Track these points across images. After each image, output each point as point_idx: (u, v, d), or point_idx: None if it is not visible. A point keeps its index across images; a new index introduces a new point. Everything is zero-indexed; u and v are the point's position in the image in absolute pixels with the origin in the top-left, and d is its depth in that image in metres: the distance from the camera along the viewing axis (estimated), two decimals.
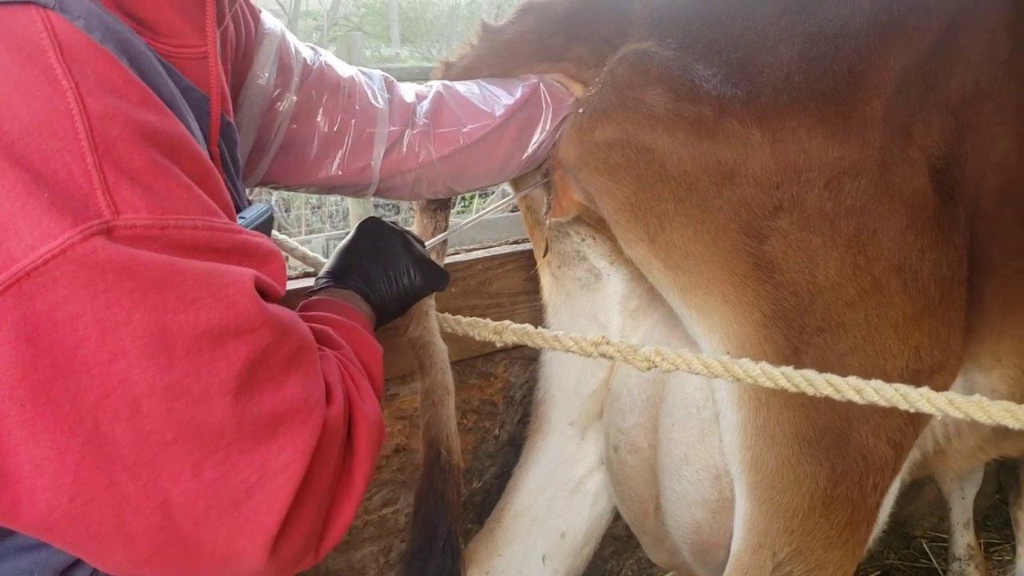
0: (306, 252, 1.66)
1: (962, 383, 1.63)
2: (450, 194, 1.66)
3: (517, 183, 1.78)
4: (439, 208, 1.73)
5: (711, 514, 1.61)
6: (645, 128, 1.49)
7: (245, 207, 1.18)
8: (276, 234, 1.47)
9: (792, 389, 1.23)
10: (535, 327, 1.47)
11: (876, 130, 1.47)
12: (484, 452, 2.12)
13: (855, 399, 1.19)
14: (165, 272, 0.79)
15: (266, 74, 1.39)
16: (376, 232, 1.45)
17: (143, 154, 0.81)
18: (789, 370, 1.24)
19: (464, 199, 6.43)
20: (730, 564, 1.51)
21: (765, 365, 1.25)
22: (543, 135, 1.59)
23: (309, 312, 1.20)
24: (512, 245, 2.08)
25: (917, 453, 1.65)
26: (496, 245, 2.10)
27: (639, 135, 1.49)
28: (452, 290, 1.84)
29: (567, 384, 1.87)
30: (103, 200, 0.77)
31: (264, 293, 0.90)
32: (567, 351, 1.42)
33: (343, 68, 1.52)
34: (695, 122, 1.47)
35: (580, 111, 1.57)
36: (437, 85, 1.60)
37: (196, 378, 0.80)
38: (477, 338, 1.54)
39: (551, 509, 1.88)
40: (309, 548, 0.94)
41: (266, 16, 1.43)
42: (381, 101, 1.50)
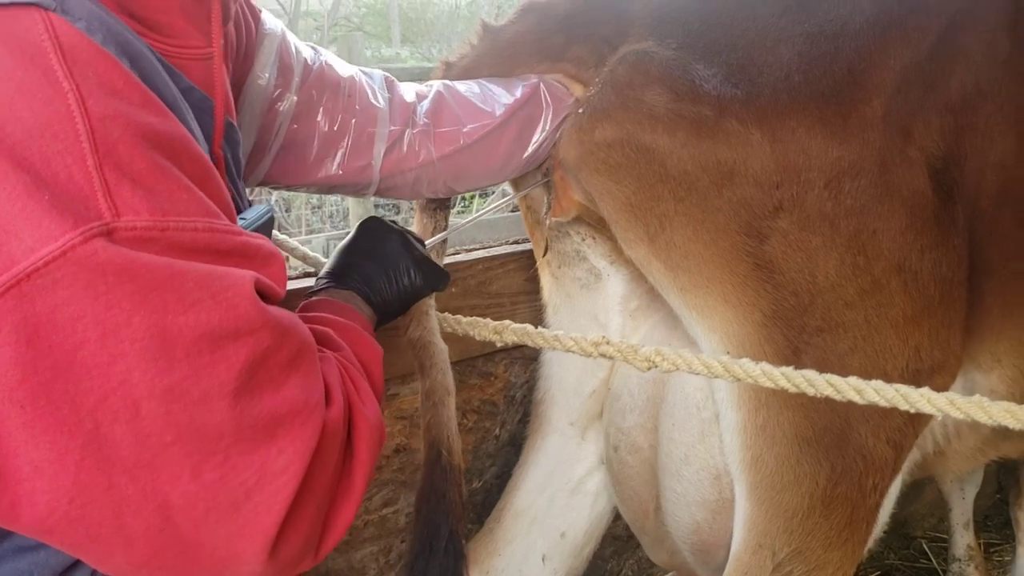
0: (306, 252, 1.66)
1: (961, 384, 1.63)
2: (450, 193, 1.66)
3: (517, 183, 1.78)
4: (439, 208, 1.73)
5: (711, 514, 1.61)
6: (645, 128, 1.49)
7: (245, 208, 1.18)
8: (276, 234, 1.47)
9: (792, 389, 1.23)
10: (535, 327, 1.47)
11: (876, 130, 1.47)
12: (484, 452, 2.12)
13: (855, 399, 1.19)
14: (165, 274, 0.79)
15: (267, 74, 1.39)
16: (376, 232, 1.45)
17: (144, 156, 0.81)
18: (789, 370, 1.24)
19: (464, 199, 6.43)
20: (730, 564, 1.51)
21: (765, 365, 1.25)
22: (543, 135, 1.59)
23: (309, 313, 1.20)
24: (512, 245, 2.08)
25: (917, 454, 1.65)
26: (496, 245, 2.10)
27: (639, 135, 1.49)
28: (452, 290, 1.84)
29: (567, 384, 1.87)
30: (104, 202, 0.77)
31: (264, 295, 0.90)
32: (567, 351, 1.42)
33: (343, 68, 1.52)
34: (695, 122, 1.47)
35: (580, 111, 1.57)
36: (437, 85, 1.60)
37: (196, 380, 0.80)
38: (477, 338, 1.54)
39: (551, 509, 1.88)
40: (308, 550, 0.95)
41: (267, 16, 1.43)
42: (381, 100, 1.50)
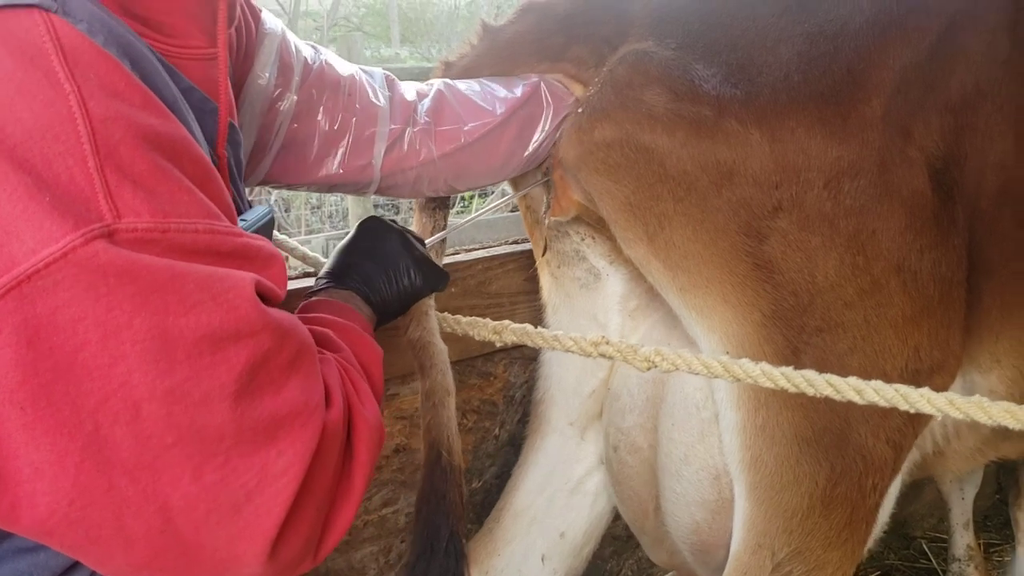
0: (306, 252, 1.66)
1: (961, 384, 1.63)
2: (451, 192, 1.66)
3: (517, 182, 1.78)
4: (438, 207, 1.73)
5: (711, 514, 1.61)
6: (644, 128, 1.49)
7: (246, 209, 1.18)
8: (276, 234, 1.47)
9: (792, 389, 1.23)
10: (535, 327, 1.47)
11: (875, 130, 1.47)
12: (484, 452, 2.12)
13: (855, 399, 1.19)
14: (166, 276, 0.79)
15: (267, 74, 1.39)
16: (376, 232, 1.44)
17: (145, 157, 0.81)
18: (789, 370, 1.24)
19: (463, 199, 6.43)
20: (729, 564, 1.51)
21: (765, 365, 1.25)
22: (544, 134, 1.59)
23: (309, 314, 1.20)
24: (512, 245, 2.08)
25: (916, 454, 1.65)
26: (496, 245, 2.10)
27: (638, 135, 1.49)
28: (452, 290, 1.84)
29: (567, 384, 1.87)
30: (105, 204, 0.77)
31: (265, 297, 0.90)
32: (567, 351, 1.42)
33: (344, 66, 1.51)
34: (694, 122, 1.47)
35: (580, 111, 1.57)
36: (438, 83, 1.60)
37: (196, 382, 0.80)
38: (477, 338, 1.54)
39: (550, 509, 1.88)
40: (308, 551, 0.95)
41: (267, 16, 1.43)
42: (382, 99, 1.50)
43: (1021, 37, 1.56)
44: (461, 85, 1.59)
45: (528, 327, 1.47)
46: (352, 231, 1.47)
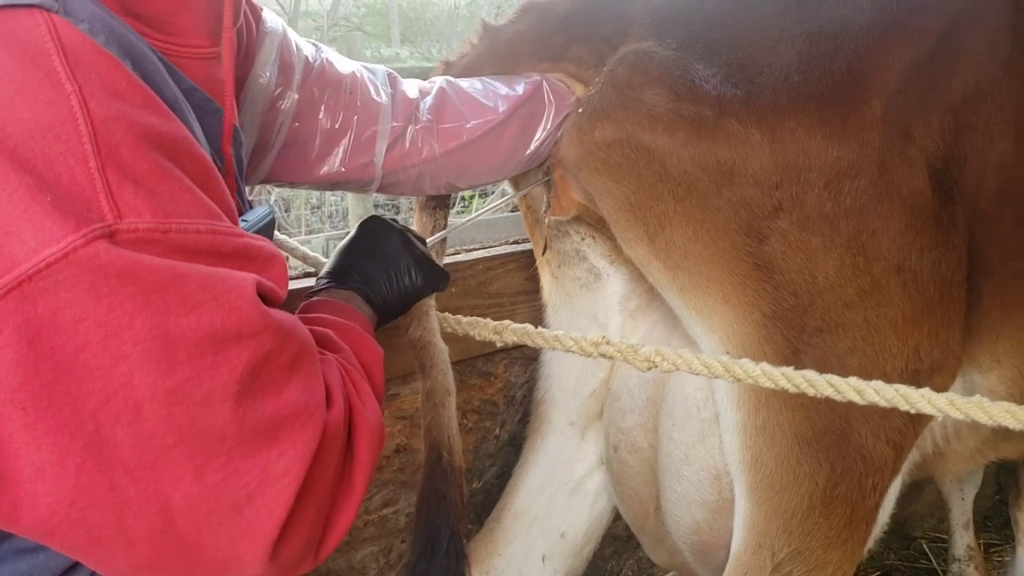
0: (306, 252, 1.66)
1: (960, 384, 1.63)
2: (453, 190, 1.65)
3: (517, 182, 1.78)
4: (438, 206, 1.73)
5: (711, 514, 1.61)
6: (645, 128, 1.49)
7: (247, 209, 1.18)
8: (276, 234, 1.47)
9: (792, 390, 1.23)
10: (535, 327, 1.47)
11: (875, 130, 1.47)
12: (484, 452, 2.12)
13: (856, 400, 1.19)
14: (167, 276, 0.79)
15: (268, 73, 1.38)
16: (377, 231, 1.44)
17: (146, 157, 0.81)
18: (789, 371, 1.24)
19: (464, 198, 6.43)
20: (730, 564, 1.51)
21: (765, 365, 1.25)
22: (546, 132, 1.59)
23: (310, 314, 1.20)
24: (512, 245, 2.08)
25: (916, 455, 1.65)
26: (496, 245, 2.10)
27: (639, 135, 1.49)
28: (452, 290, 1.84)
29: (567, 384, 1.87)
30: (106, 204, 0.77)
31: (266, 297, 0.90)
32: (567, 351, 1.42)
33: (345, 64, 1.51)
34: (695, 122, 1.47)
35: (580, 111, 1.57)
36: (440, 81, 1.59)
37: (198, 382, 0.80)
38: (477, 338, 1.54)
39: (551, 509, 1.88)
40: (309, 551, 0.95)
41: (267, 15, 1.43)
42: (384, 96, 1.50)
43: (1021, 37, 1.56)
44: (463, 83, 1.59)
45: (528, 327, 1.47)
46: (352, 231, 1.47)
